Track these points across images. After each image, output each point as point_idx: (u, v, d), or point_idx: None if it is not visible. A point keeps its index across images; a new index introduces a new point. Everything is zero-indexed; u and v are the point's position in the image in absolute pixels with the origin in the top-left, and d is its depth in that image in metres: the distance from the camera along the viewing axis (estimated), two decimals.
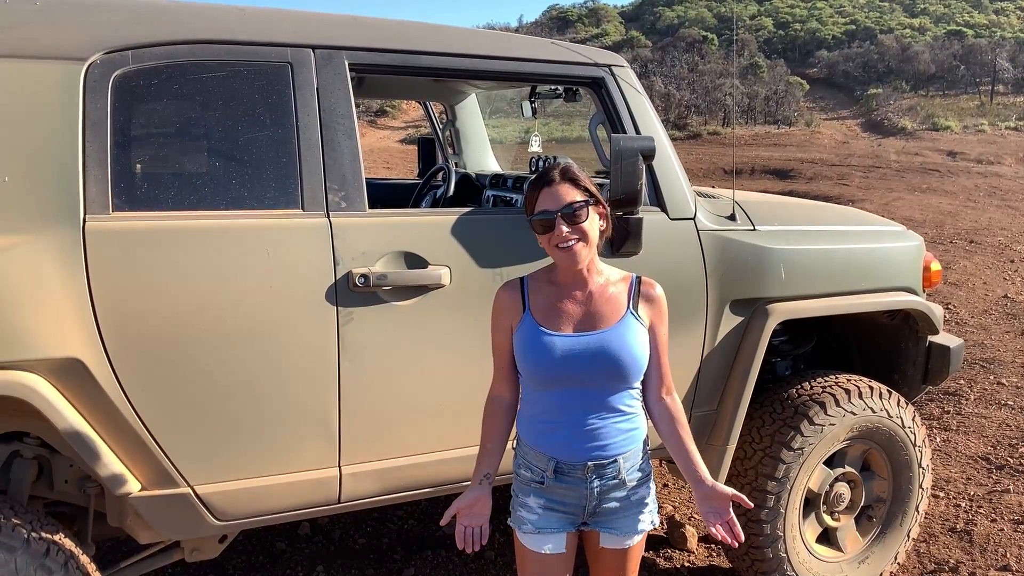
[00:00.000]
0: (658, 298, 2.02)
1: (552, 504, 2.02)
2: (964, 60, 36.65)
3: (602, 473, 1.99)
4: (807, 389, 3.08)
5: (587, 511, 2.03)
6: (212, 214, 2.16)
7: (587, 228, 1.92)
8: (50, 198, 1.98)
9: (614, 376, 1.95)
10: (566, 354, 1.95)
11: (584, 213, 1.90)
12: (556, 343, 1.96)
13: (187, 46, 2.18)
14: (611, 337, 1.94)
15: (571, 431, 1.98)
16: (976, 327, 6.93)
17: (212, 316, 2.12)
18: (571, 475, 2.00)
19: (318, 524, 3.72)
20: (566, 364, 1.95)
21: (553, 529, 2.03)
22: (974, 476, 4.23)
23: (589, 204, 1.91)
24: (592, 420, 1.97)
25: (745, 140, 25.78)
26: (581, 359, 1.94)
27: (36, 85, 2.00)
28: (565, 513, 2.03)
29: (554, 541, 2.04)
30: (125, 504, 2.17)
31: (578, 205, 1.90)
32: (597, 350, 1.94)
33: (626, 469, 2.00)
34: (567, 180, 1.92)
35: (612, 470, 1.99)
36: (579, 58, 2.72)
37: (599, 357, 1.94)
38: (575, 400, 1.96)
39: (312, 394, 2.27)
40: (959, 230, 11.71)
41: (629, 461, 2.01)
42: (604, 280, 2.00)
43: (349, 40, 2.38)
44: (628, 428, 2.00)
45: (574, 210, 1.90)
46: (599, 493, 2.00)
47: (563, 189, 1.91)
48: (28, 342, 1.92)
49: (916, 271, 3.35)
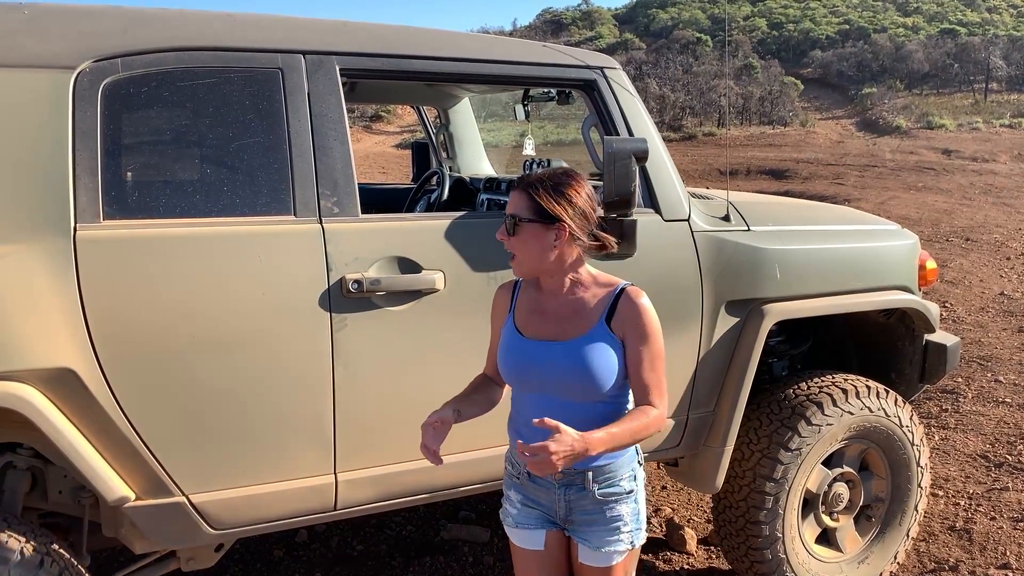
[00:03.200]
0: (634, 311, 1.89)
1: (529, 501, 2.05)
2: (958, 58, 36.74)
3: (569, 482, 1.97)
4: (804, 389, 3.07)
5: (560, 516, 2.02)
6: (204, 221, 2.15)
7: (517, 243, 1.88)
8: (40, 207, 1.97)
9: (573, 389, 1.91)
10: (531, 360, 1.94)
11: (518, 228, 1.87)
12: (524, 348, 1.96)
13: (177, 53, 2.17)
14: (571, 349, 1.90)
15: (539, 436, 1.96)
16: (973, 325, 6.94)
17: (205, 324, 2.11)
18: (539, 480, 2.01)
19: (316, 531, 3.71)
20: (529, 370, 1.95)
21: (531, 525, 2.06)
22: (973, 474, 4.22)
23: (523, 220, 1.86)
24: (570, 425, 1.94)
25: (740, 141, 25.81)
26: (543, 367, 1.93)
27: (25, 94, 1.99)
28: (542, 512, 2.04)
29: (532, 537, 2.06)
30: (120, 514, 2.16)
31: (514, 219, 1.87)
32: (557, 360, 1.91)
33: (598, 483, 1.95)
34: (523, 188, 1.88)
35: (579, 481, 1.96)
36: (571, 60, 2.72)
37: (558, 368, 1.91)
38: (544, 406, 1.95)
39: (306, 401, 2.26)
40: (955, 228, 11.72)
41: (602, 476, 1.95)
42: (584, 289, 1.94)
43: (339, 45, 2.37)
44: None
45: (511, 221, 1.88)
46: (567, 501, 1.99)
47: (515, 196, 1.89)
48: (19, 352, 1.91)
49: (912, 270, 3.35)
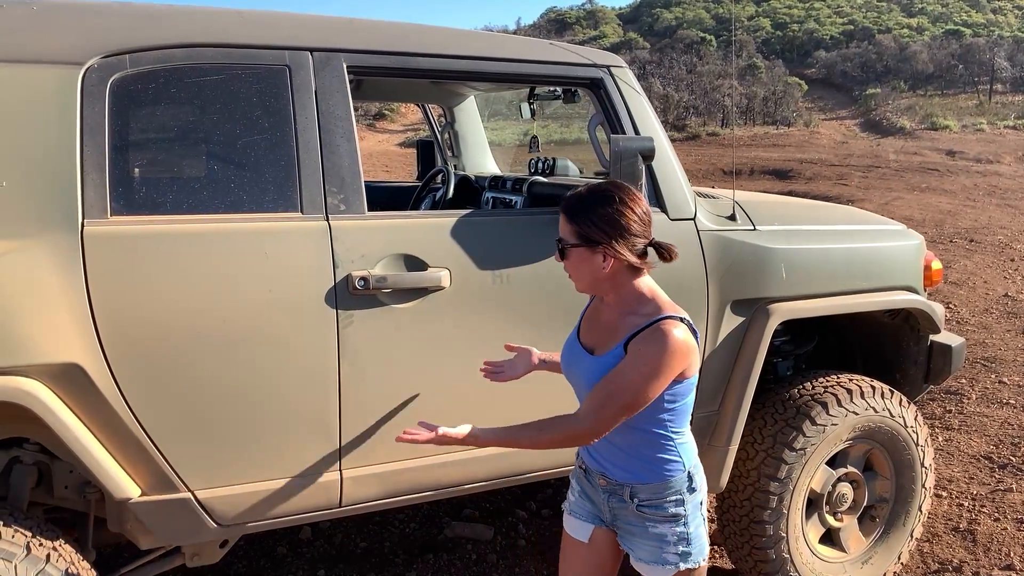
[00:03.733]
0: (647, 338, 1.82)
1: (585, 495, 2.10)
2: (962, 59, 36.65)
3: (612, 491, 2.00)
4: (809, 389, 3.07)
5: (607, 518, 2.06)
6: (211, 218, 2.16)
7: (568, 266, 1.92)
8: (48, 203, 1.97)
9: None
10: (573, 363, 2.00)
11: (566, 253, 1.90)
12: (572, 349, 2.02)
13: (184, 50, 2.17)
14: (594, 366, 1.92)
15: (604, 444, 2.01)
16: (977, 326, 6.92)
17: (211, 320, 2.11)
18: (590, 479, 2.07)
19: (319, 528, 3.71)
20: (570, 372, 2.02)
21: (581, 516, 2.11)
22: (977, 475, 4.22)
23: (568, 246, 1.88)
24: (606, 439, 1.97)
25: (744, 141, 25.78)
26: (578, 375, 1.98)
27: (33, 90, 1.99)
28: (594, 507, 2.08)
29: (581, 528, 2.10)
30: (125, 509, 2.16)
31: (561, 243, 1.91)
32: (584, 372, 1.95)
33: (638, 499, 1.95)
34: (564, 212, 1.90)
35: (620, 492, 1.98)
36: (577, 59, 2.71)
37: (583, 380, 1.96)
38: None
39: (312, 397, 2.26)
40: (959, 229, 11.70)
41: (644, 495, 1.95)
42: (635, 311, 1.90)
43: (347, 42, 2.38)
44: (640, 463, 1.94)
45: (559, 246, 1.92)
46: (611, 508, 2.02)
47: (561, 219, 1.91)
48: (27, 347, 1.91)
49: (917, 270, 3.35)
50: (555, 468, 2.68)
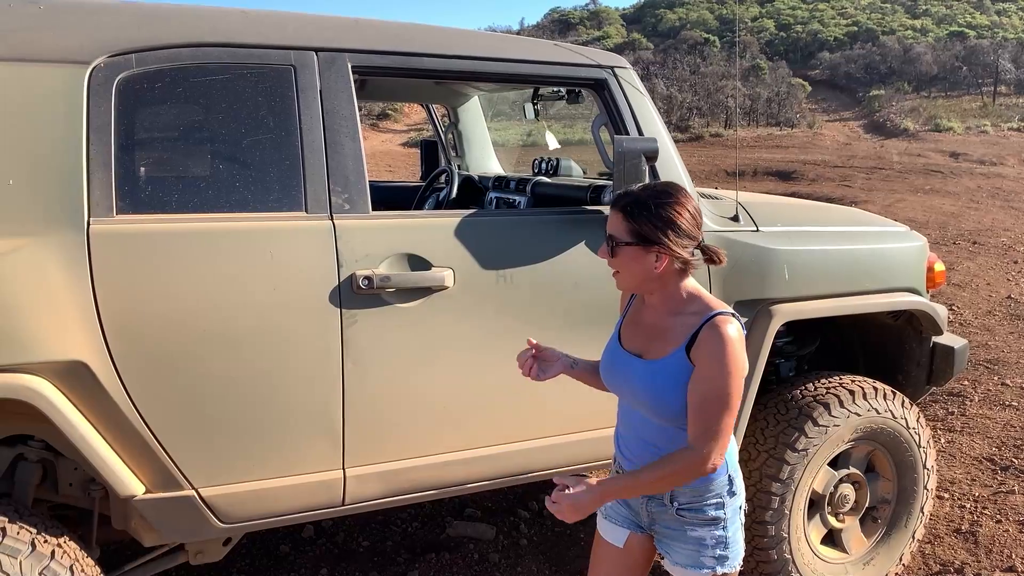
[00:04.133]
0: (709, 341, 1.80)
1: (620, 501, 2.07)
2: (966, 61, 36.59)
3: (651, 495, 1.97)
4: (811, 390, 3.07)
5: (644, 522, 2.04)
6: (216, 216, 2.17)
7: (618, 264, 1.88)
8: (54, 201, 1.98)
9: (649, 411, 1.91)
10: (618, 370, 1.97)
11: (617, 251, 1.87)
12: (617, 356, 1.99)
13: (191, 49, 2.18)
14: (647, 371, 1.89)
15: (627, 443, 2.02)
16: (980, 328, 6.92)
17: (216, 318, 2.12)
18: None
19: (322, 527, 3.72)
20: (616, 378, 1.98)
21: (617, 521, 2.09)
22: (979, 477, 4.22)
23: (621, 244, 1.85)
24: (641, 442, 1.97)
25: (747, 142, 25.77)
26: (625, 380, 1.95)
27: (40, 88, 2.01)
28: (631, 513, 2.07)
29: (616, 532, 2.09)
30: (129, 507, 2.17)
31: (613, 241, 1.87)
32: (634, 378, 1.92)
33: (678, 502, 1.94)
34: (619, 210, 1.86)
35: (660, 496, 1.96)
36: (582, 59, 2.72)
37: (636, 385, 1.92)
38: (634, 417, 1.99)
39: (316, 396, 2.27)
40: (962, 231, 11.69)
41: (685, 498, 1.93)
42: (681, 309, 1.89)
43: (352, 42, 2.38)
44: None
45: (611, 243, 1.88)
46: (649, 512, 2.01)
47: (614, 216, 1.87)
48: (32, 345, 1.92)
49: (920, 272, 3.35)
50: (557, 467, 2.68)
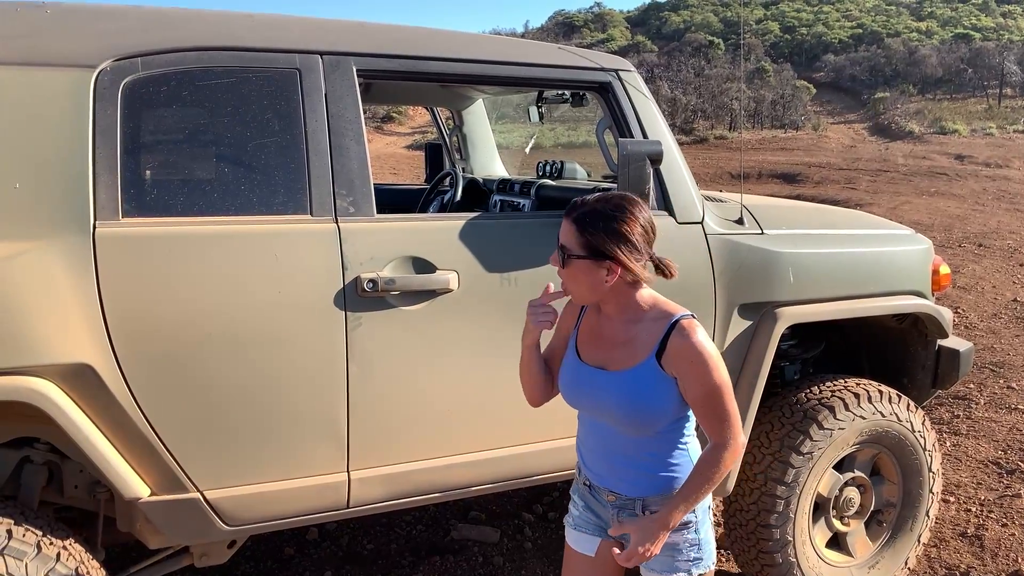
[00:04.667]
0: (685, 350, 1.81)
1: (589, 509, 2.06)
2: (971, 63, 36.55)
3: (621, 505, 1.97)
4: (816, 393, 3.06)
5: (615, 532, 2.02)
6: (221, 219, 2.17)
7: (568, 275, 1.85)
8: (60, 204, 1.99)
9: (619, 422, 1.89)
10: (582, 385, 1.94)
11: (567, 262, 1.83)
12: (579, 371, 1.95)
13: (196, 53, 2.19)
14: (620, 382, 1.87)
15: (595, 457, 2.00)
16: (985, 331, 6.90)
17: (221, 321, 2.13)
18: (597, 496, 2.03)
19: (326, 529, 3.72)
20: (581, 394, 1.95)
21: (587, 530, 2.07)
22: (984, 480, 4.21)
23: (573, 256, 1.81)
24: (611, 455, 1.95)
25: (752, 144, 25.75)
26: (592, 395, 1.92)
27: (46, 92, 2.01)
28: (600, 520, 2.05)
29: (585, 542, 2.07)
30: (135, 509, 2.18)
31: (564, 252, 1.83)
32: (604, 391, 1.89)
33: (651, 510, 1.93)
34: (572, 221, 1.82)
35: (631, 506, 1.95)
36: (586, 63, 2.72)
37: (605, 398, 1.89)
38: (600, 430, 1.96)
39: (321, 399, 2.27)
40: (967, 234, 11.67)
41: (655, 504, 1.92)
42: (641, 317, 1.88)
43: (357, 46, 2.39)
44: (654, 475, 1.92)
45: (562, 255, 1.84)
46: (621, 522, 1.98)
47: (566, 226, 1.84)
48: (39, 348, 1.93)
49: (925, 274, 3.34)
50: (561, 471, 2.68)
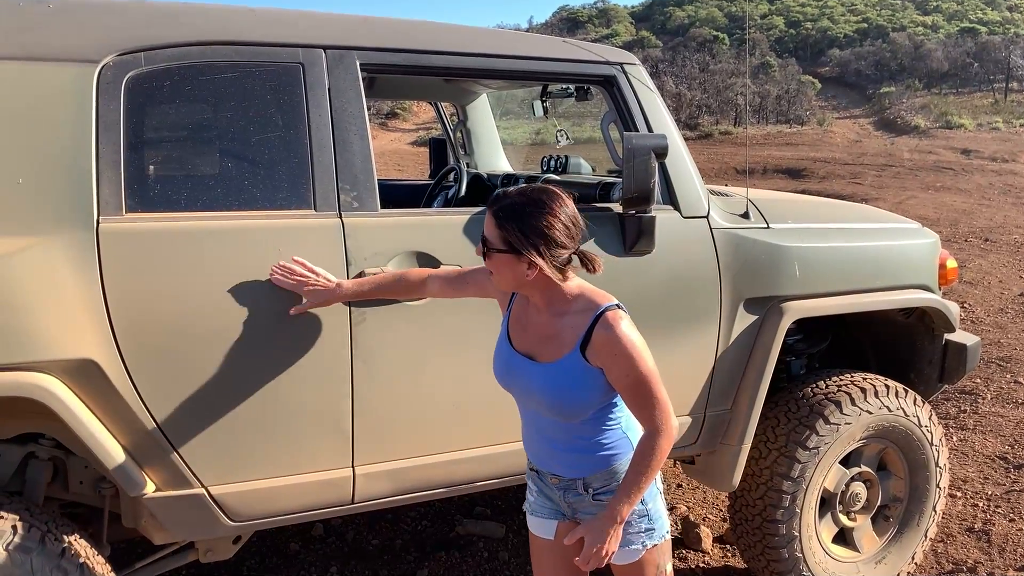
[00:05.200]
0: (607, 343, 1.81)
1: (542, 493, 2.09)
2: (978, 57, 36.37)
3: (566, 487, 2.00)
4: (822, 388, 3.05)
5: (568, 514, 2.06)
6: (225, 215, 2.17)
7: (492, 266, 1.85)
8: (64, 199, 1.99)
9: (547, 411, 1.91)
10: (514, 373, 1.96)
11: (488, 255, 1.84)
12: (510, 359, 1.97)
13: (199, 47, 2.18)
14: (546, 375, 1.88)
15: (535, 442, 2.03)
16: (992, 325, 6.88)
17: (225, 317, 2.12)
18: (542, 479, 2.07)
19: (331, 525, 3.72)
20: (511, 381, 1.97)
21: (543, 515, 2.10)
22: (991, 476, 4.19)
23: (493, 250, 1.81)
24: (550, 441, 1.98)
25: (757, 139, 25.68)
26: (521, 383, 1.94)
27: (50, 87, 2.01)
28: (552, 503, 2.08)
29: (544, 526, 2.10)
30: (140, 505, 2.17)
31: (486, 245, 1.84)
32: (530, 381, 1.91)
33: (593, 488, 1.96)
34: (492, 215, 1.82)
35: (574, 486, 1.98)
36: (591, 57, 2.71)
37: (534, 390, 1.91)
38: (535, 417, 1.99)
39: (325, 395, 2.27)
40: (974, 228, 11.63)
41: (598, 482, 1.96)
42: (567, 309, 1.88)
43: (360, 40, 2.38)
44: (590, 455, 1.94)
45: (484, 247, 1.85)
46: (568, 502, 2.02)
47: (488, 219, 1.84)
48: (42, 343, 1.93)
49: (932, 268, 3.32)
50: None
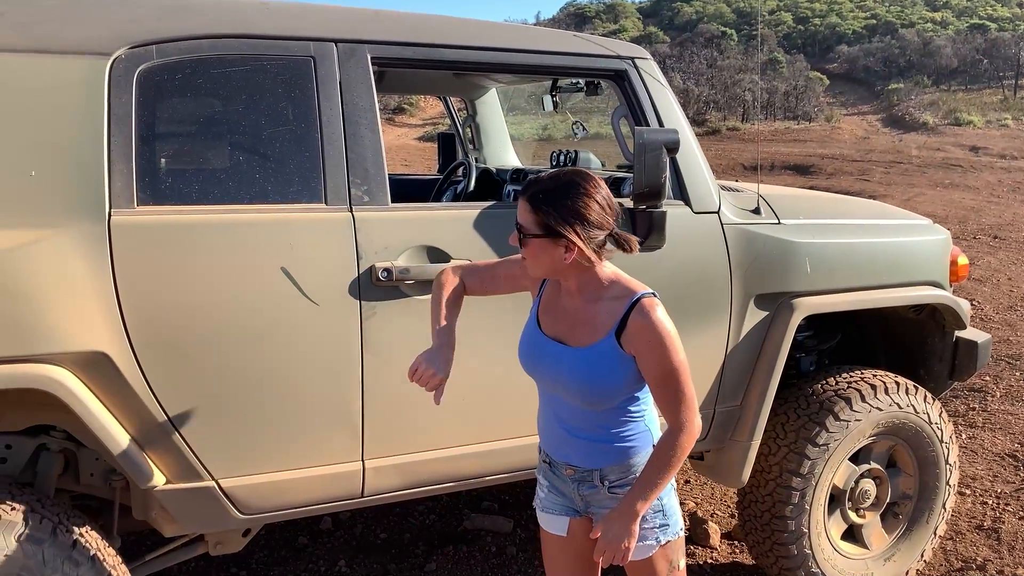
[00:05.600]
0: (644, 329, 1.81)
1: (554, 488, 2.07)
2: (987, 54, 36.19)
3: (581, 479, 1.98)
4: (832, 384, 3.04)
5: (581, 508, 2.04)
6: (236, 208, 2.17)
7: (527, 253, 1.83)
8: (76, 192, 1.99)
9: (573, 396, 1.88)
10: (540, 356, 1.93)
11: (525, 241, 1.82)
12: (539, 343, 1.94)
13: (211, 40, 2.18)
14: (574, 358, 1.87)
15: (553, 431, 1.99)
16: (1001, 323, 6.85)
17: (235, 310, 2.12)
18: (557, 471, 2.03)
19: (340, 519, 3.73)
20: (540, 366, 1.94)
21: (554, 511, 2.08)
22: (1001, 473, 4.17)
23: (529, 236, 1.80)
24: (569, 429, 1.95)
25: (765, 136, 25.61)
26: (549, 367, 1.92)
27: (62, 79, 2.01)
28: (565, 499, 2.06)
29: (556, 522, 2.08)
30: (150, 497, 2.18)
31: (521, 231, 1.82)
32: (563, 366, 1.89)
33: (609, 481, 1.95)
34: (527, 200, 1.81)
35: (590, 478, 1.96)
36: (602, 51, 2.70)
37: (563, 374, 1.88)
38: (557, 404, 1.96)
39: (335, 388, 2.27)
40: (983, 226, 11.58)
41: (614, 474, 1.94)
42: (601, 294, 1.88)
43: (371, 34, 2.38)
44: (602, 446, 1.93)
45: (519, 234, 1.84)
46: (583, 496, 2.00)
47: (522, 206, 1.82)
48: (54, 335, 1.93)
49: (943, 265, 3.31)
50: None
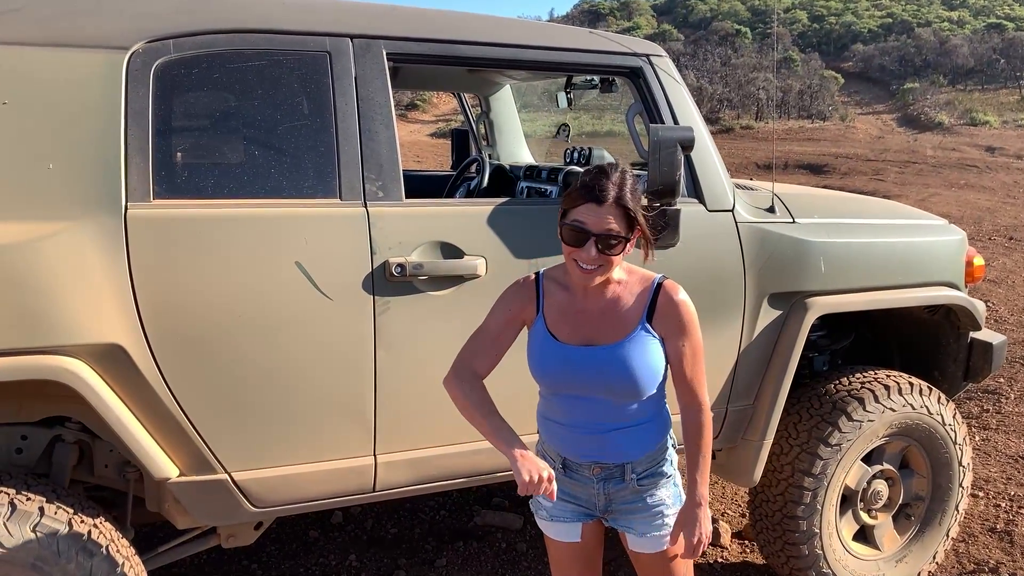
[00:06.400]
0: (675, 309, 1.85)
1: (564, 496, 2.03)
2: (1004, 54, 35.87)
3: (608, 475, 1.97)
4: (846, 384, 3.03)
5: (600, 508, 2.02)
6: (251, 202, 2.17)
7: (616, 260, 1.80)
8: (92, 186, 2.00)
9: (616, 392, 1.88)
10: (571, 366, 1.90)
11: (621, 247, 1.78)
12: (564, 354, 1.90)
13: (227, 35, 2.19)
14: (614, 354, 1.86)
15: (576, 434, 1.97)
16: (1016, 325, 6.80)
17: (250, 304, 2.13)
18: (578, 473, 2.01)
19: (350, 513, 3.74)
20: (570, 376, 1.90)
21: (565, 519, 2.05)
22: (1014, 476, 4.15)
23: (622, 239, 1.76)
24: (598, 427, 1.94)
25: (779, 134, 25.49)
26: (585, 373, 1.89)
27: (79, 73, 2.02)
28: (578, 505, 2.04)
29: (569, 530, 2.06)
30: (163, 489, 2.19)
31: (617, 240, 1.76)
32: (600, 366, 1.87)
33: (637, 473, 1.96)
34: (619, 205, 1.74)
35: (617, 473, 1.96)
36: (617, 48, 2.69)
37: (602, 373, 1.87)
38: (582, 406, 1.94)
39: (348, 383, 2.28)
40: (998, 226, 11.49)
41: (641, 465, 1.96)
42: (620, 288, 1.88)
43: (387, 29, 2.38)
44: (637, 436, 1.94)
45: (612, 243, 1.76)
46: (607, 493, 1.99)
47: (610, 212, 1.74)
48: (70, 328, 1.94)
49: (959, 266, 3.29)
50: None
